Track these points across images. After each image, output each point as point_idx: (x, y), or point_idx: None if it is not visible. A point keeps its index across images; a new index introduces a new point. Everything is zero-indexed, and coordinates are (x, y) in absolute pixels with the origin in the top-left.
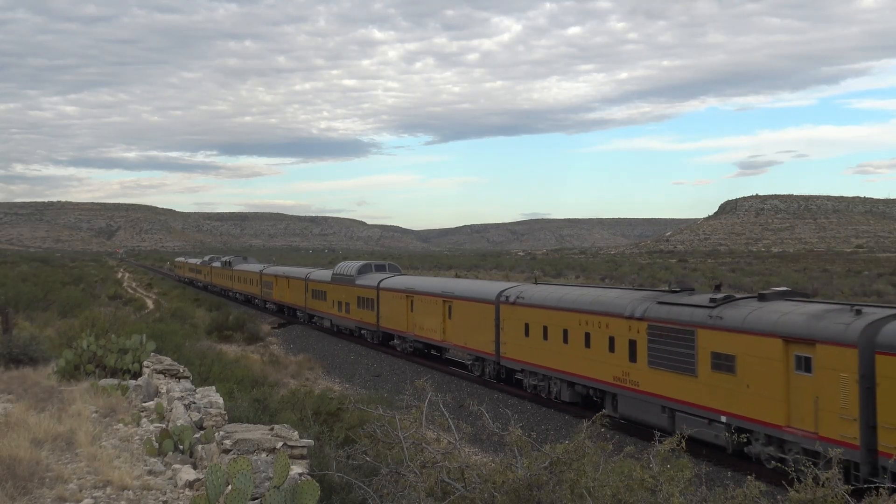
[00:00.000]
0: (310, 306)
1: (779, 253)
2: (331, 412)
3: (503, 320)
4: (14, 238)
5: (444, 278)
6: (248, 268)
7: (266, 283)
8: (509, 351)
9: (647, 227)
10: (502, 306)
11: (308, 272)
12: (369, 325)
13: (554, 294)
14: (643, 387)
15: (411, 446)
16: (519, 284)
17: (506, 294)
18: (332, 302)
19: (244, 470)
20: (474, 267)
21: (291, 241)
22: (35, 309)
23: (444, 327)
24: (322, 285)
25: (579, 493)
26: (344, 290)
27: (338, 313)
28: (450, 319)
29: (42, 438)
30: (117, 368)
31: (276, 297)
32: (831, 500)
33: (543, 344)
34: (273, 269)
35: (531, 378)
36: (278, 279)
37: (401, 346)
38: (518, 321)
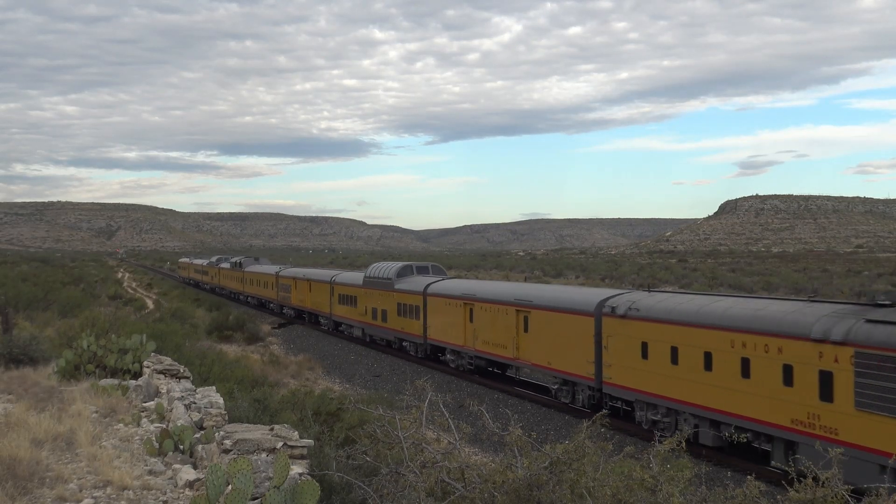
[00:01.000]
0: (336, 313)
1: (779, 253)
2: (331, 412)
3: (607, 337)
4: (14, 238)
5: (515, 283)
6: (261, 269)
7: (283, 286)
8: (616, 375)
9: (647, 227)
10: (606, 319)
11: (334, 274)
12: (413, 337)
13: (686, 306)
14: (847, 437)
15: (411, 446)
16: (627, 292)
17: (611, 304)
18: (364, 309)
19: (244, 470)
20: (474, 267)
21: (291, 241)
22: (35, 309)
23: (518, 342)
24: (352, 289)
25: (579, 493)
26: (380, 296)
27: (371, 322)
28: (526, 333)
29: (42, 438)
30: (117, 368)
31: (295, 301)
32: (831, 500)
33: (671, 370)
34: (291, 271)
35: (649, 411)
36: (298, 282)
37: (455, 362)
38: (630, 339)
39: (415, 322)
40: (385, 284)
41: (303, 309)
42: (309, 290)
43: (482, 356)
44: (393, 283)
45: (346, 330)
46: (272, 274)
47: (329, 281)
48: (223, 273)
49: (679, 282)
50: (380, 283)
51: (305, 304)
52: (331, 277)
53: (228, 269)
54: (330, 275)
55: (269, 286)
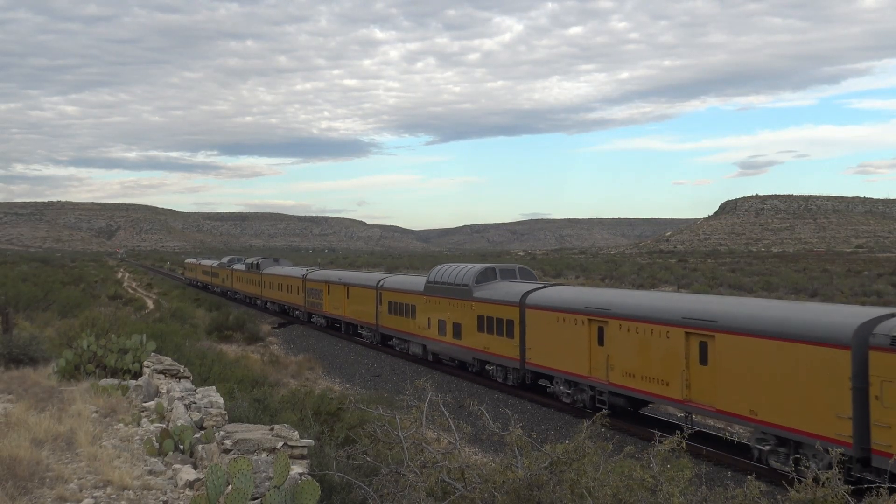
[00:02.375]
0: (386, 325)
1: (779, 253)
2: (331, 412)
3: (881, 381)
4: (14, 238)
5: (676, 294)
6: (284, 271)
7: (312, 290)
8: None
9: (647, 227)
10: (879, 354)
11: (381, 278)
12: (503, 359)
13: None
14: None
15: (411, 446)
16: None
17: (886, 331)
18: (425, 321)
19: (244, 470)
20: None
21: (291, 241)
22: (35, 309)
23: (689, 378)
24: (408, 296)
25: (579, 493)
26: (451, 306)
27: (438, 337)
28: (703, 366)
29: (42, 438)
30: (117, 368)
31: (328, 309)
32: (831, 500)
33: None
34: (322, 274)
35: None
36: (331, 286)
37: (573, 396)
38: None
39: (506, 341)
40: (459, 291)
41: (338, 318)
42: (346, 296)
43: (622, 392)
44: (471, 291)
45: (398, 346)
46: (298, 277)
47: (375, 286)
48: (237, 275)
49: (679, 282)
50: (451, 289)
51: (341, 312)
52: (377, 282)
53: (243, 272)
54: (376, 279)
55: (295, 291)
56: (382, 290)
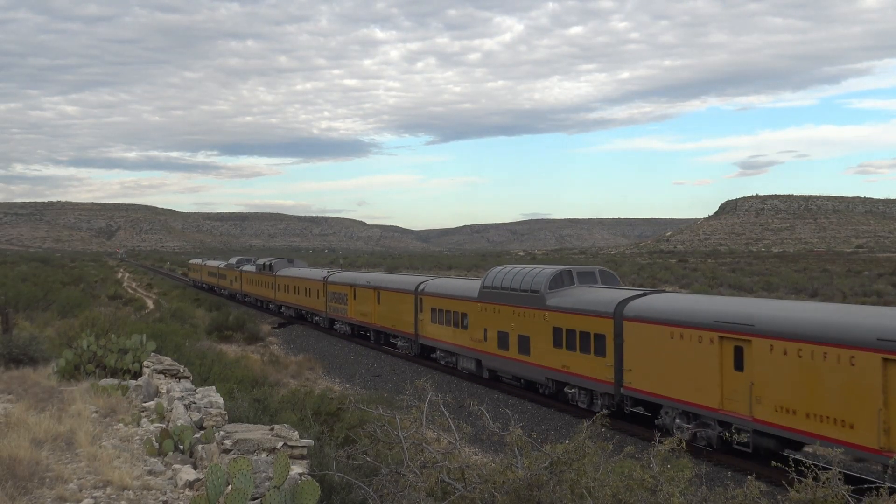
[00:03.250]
0: (428, 334)
1: (779, 253)
2: (331, 412)
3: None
4: (14, 238)
5: (864, 307)
6: (301, 273)
7: (335, 294)
8: None
9: (647, 227)
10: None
11: (422, 281)
12: (591, 381)
13: None
14: None
15: (411, 446)
16: None
17: None
18: (481, 332)
19: (244, 470)
20: (474, 267)
21: (291, 241)
22: (35, 309)
23: (889, 421)
24: (457, 303)
25: (579, 493)
26: (515, 315)
27: (499, 352)
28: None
29: (42, 438)
30: (117, 368)
31: (353, 315)
32: (831, 500)
33: None
34: (347, 276)
35: None
36: (358, 290)
37: (698, 431)
38: None
39: (594, 360)
40: (527, 298)
41: (365, 325)
42: (377, 300)
43: (774, 432)
44: (543, 298)
45: (443, 359)
46: (318, 279)
47: (413, 290)
48: (247, 277)
49: (679, 282)
50: (515, 296)
51: (371, 319)
52: (417, 285)
53: (254, 273)
54: (414, 282)
55: (314, 294)
56: (423, 294)
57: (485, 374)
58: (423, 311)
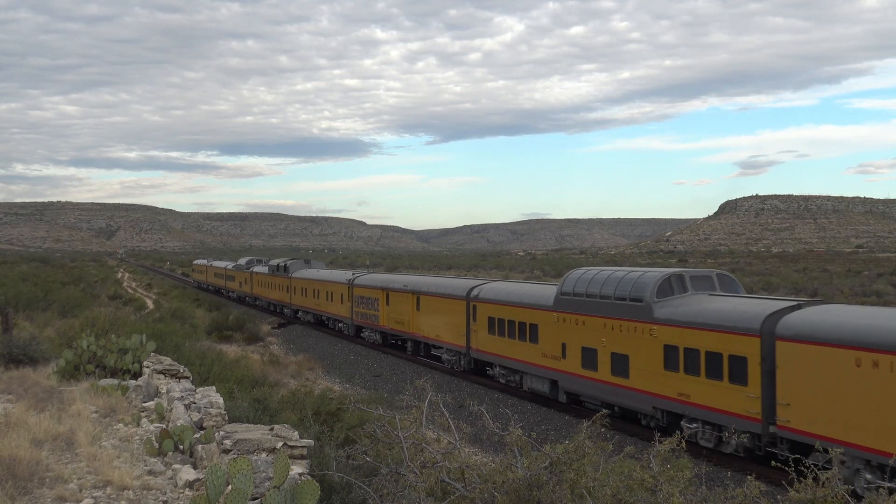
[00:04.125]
0: (484, 347)
1: (779, 253)
2: (331, 412)
3: None
4: (14, 238)
5: None
6: (320, 275)
7: (363, 299)
8: None
9: (647, 227)
10: None
11: (476, 285)
12: (725, 415)
13: None
14: None
15: (411, 446)
16: None
17: None
18: (558, 346)
19: (244, 470)
20: (474, 267)
21: (291, 241)
22: (35, 309)
23: None
24: (523, 312)
25: (579, 493)
26: (608, 328)
27: (583, 372)
28: None
29: (42, 438)
30: (117, 368)
31: (386, 322)
32: (831, 500)
33: None
34: (378, 279)
35: None
36: (392, 294)
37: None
38: None
39: (728, 389)
40: (626, 308)
41: (401, 334)
42: (416, 306)
43: None
44: (650, 308)
45: (503, 377)
46: (342, 282)
47: (465, 296)
48: (258, 279)
49: None
50: (608, 305)
51: (409, 327)
52: (469, 290)
53: (267, 275)
54: (466, 286)
55: (337, 299)
56: (478, 301)
57: (561, 397)
58: (478, 319)
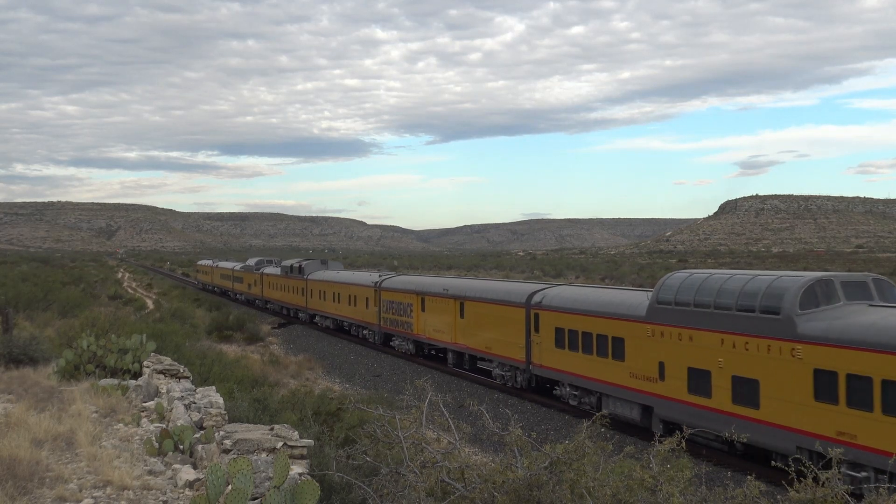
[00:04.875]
0: (550, 363)
1: (779, 253)
2: (331, 412)
3: None
4: (14, 238)
5: None
6: (341, 277)
7: (393, 304)
8: None
9: (647, 227)
10: None
11: (536, 290)
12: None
13: None
14: None
15: (411, 446)
16: None
17: None
18: (654, 365)
19: (244, 470)
20: (474, 267)
21: (291, 241)
22: (35, 309)
23: None
24: (604, 322)
25: (579, 493)
26: (725, 345)
27: (690, 398)
28: None
29: (42, 438)
30: (117, 368)
31: (422, 330)
32: (831, 500)
33: None
34: (410, 282)
35: None
36: (429, 299)
37: None
38: None
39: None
40: (754, 322)
41: (439, 343)
42: (459, 313)
43: None
44: (791, 321)
45: (575, 398)
46: (367, 285)
47: (525, 303)
48: (270, 281)
49: None
50: (726, 316)
51: (449, 336)
52: (530, 296)
53: (279, 277)
54: (526, 291)
55: (362, 303)
56: (541, 309)
57: (656, 426)
58: (541, 330)
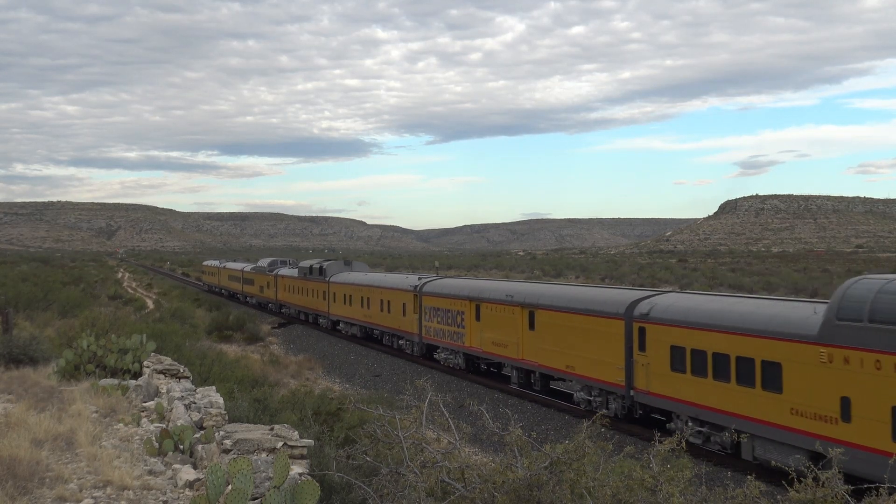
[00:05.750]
0: (659, 389)
1: (779, 253)
2: (331, 412)
3: None
4: (14, 238)
5: None
6: (369, 280)
7: (438, 312)
8: None
9: (647, 227)
10: None
11: (639, 298)
12: None
13: None
14: None
15: (411, 446)
16: None
17: None
18: (830, 402)
19: (244, 470)
20: (474, 267)
21: (291, 241)
22: (35, 309)
23: None
24: (748, 343)
25: (579, 493)
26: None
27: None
28: None
29: (42, 438)
30: (117, 368)
31: (476, 342)
32: (831, 500)
33: None
34: (460, 286)
35: None
36: (485, 306)
37: None
38: None
39: None
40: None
41: (503, 359)
42: (528, 324)
43: None
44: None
45: (702, 436)
46: (406, 289)
47: (622, 314)
48: (286, 283)
49: (679, 282)
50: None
51: (515, 351)
52: (630, 305)
53: (297, 279)
54: (624, 300)
55: (398, 309)
56: (649, 322)
57: None
58: (649, 348)
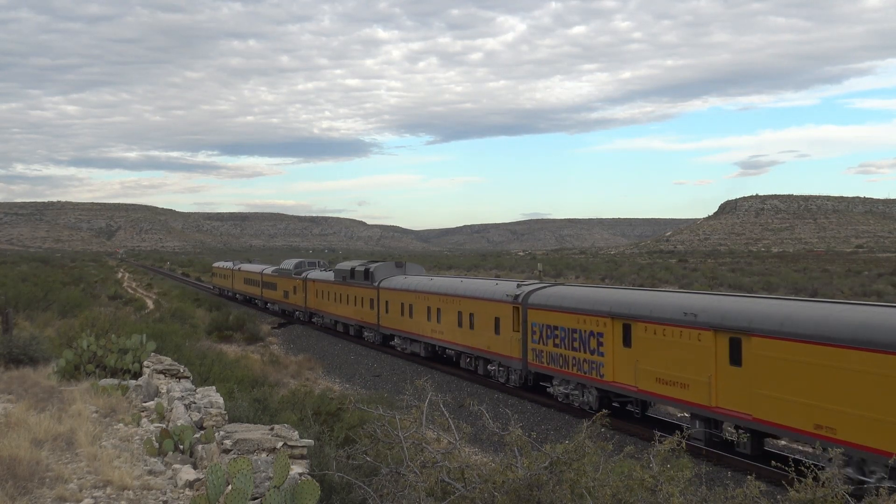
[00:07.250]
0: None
1: (779, 253)
2: (331, 412)
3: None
4: (14, 238)
5: None
6: (437, 287)
7: (555, 331)
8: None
9: (647, 227)
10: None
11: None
12: None
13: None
14: None
15: (411, 446)
16: None
17: None
18: None
19: (244, 470)
20: (474, 267)
21: (291, 241)
22: (35, 309)
23: None
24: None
25: (579, 493)
26: None
27: None
28: None
29: (42, 438)
30: (117, 368)
31: (625, 378)
32: (831, 500)
33: None
34: (600, 298)
35: None
36: (648, 329)
37: None
38: None
39: None
40: None
41: (677, 404)
42: (726, 357)
43: None
44: None
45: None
46: (501, 300)
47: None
48: (319, 289)
49: (679, 282)
50: None
51: (704, 396)
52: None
53: (334, 283)
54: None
55: (489, 326)
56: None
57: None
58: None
